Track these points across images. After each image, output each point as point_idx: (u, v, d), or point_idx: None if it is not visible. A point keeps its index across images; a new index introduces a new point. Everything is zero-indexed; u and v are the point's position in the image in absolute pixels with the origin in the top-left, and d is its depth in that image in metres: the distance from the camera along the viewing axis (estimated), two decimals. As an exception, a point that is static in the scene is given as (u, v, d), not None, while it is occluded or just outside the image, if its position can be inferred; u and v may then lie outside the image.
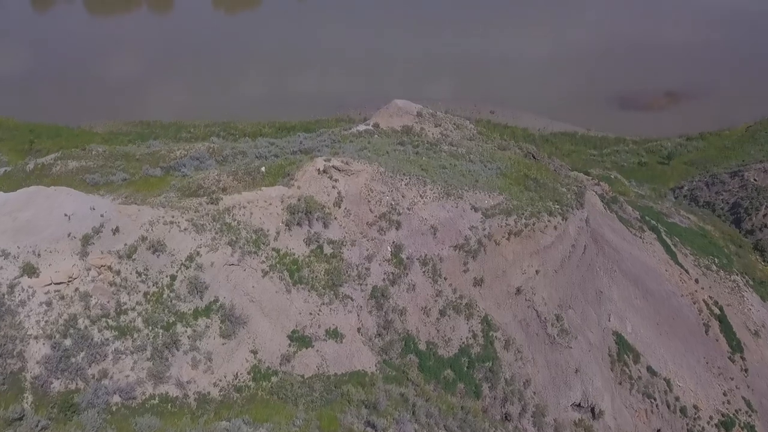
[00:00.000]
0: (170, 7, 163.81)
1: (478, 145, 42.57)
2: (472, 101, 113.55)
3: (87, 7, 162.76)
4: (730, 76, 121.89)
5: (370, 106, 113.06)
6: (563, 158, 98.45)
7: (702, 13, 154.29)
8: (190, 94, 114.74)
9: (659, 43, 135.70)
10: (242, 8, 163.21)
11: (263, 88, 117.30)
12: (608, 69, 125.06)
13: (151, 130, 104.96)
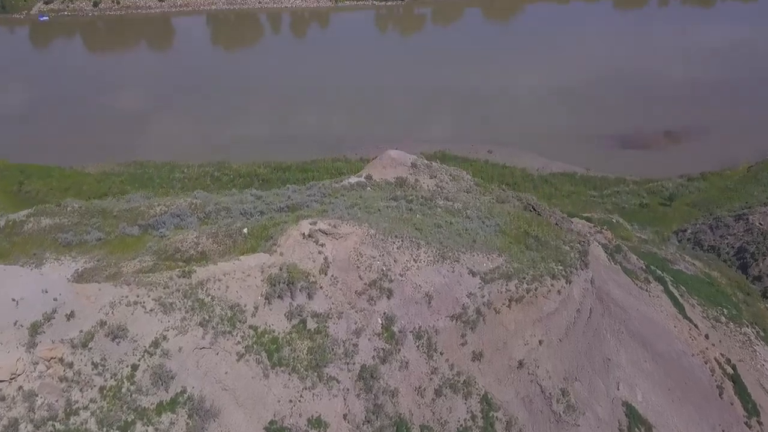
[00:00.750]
0: (169, 44, 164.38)
1: (475, 198, 40.44)
2: (469, 141, 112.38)
3: (86, 44, 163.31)
4: (729, 115, 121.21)
5: (368, 145, 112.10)
6: (563, 199, 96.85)
7: (699, 51, 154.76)
8: (185, 134, 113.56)
9: (657, 81, 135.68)
10: (241, 45, 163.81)
11: (259, 128, 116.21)
12: (607, 108, 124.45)
13: (144, 171, 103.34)
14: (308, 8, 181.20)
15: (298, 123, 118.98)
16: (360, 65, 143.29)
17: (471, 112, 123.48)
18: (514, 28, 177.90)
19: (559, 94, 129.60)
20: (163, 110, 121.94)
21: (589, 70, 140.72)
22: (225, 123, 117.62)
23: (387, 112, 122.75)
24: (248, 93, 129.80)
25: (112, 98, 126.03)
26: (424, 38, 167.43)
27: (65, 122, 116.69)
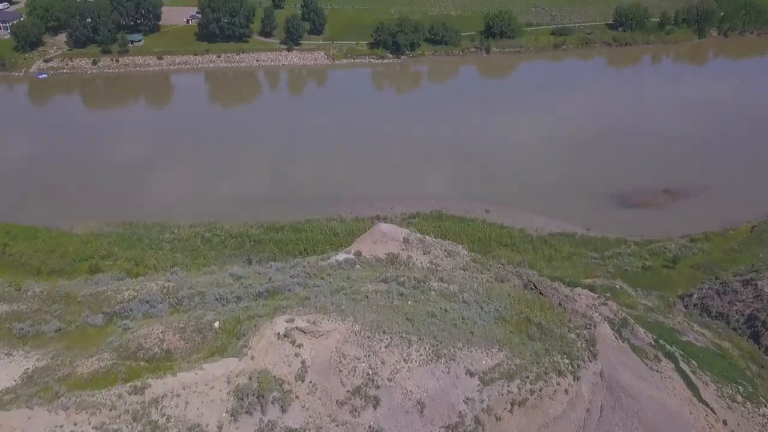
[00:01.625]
0: (167, 101, 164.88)
1: (472, 278, 37.61)
2: (466, 199, 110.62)
3: (84, 101, 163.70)
4: (728, 173, 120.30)
5: (363, 204, 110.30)
6: (563, 261, 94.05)
7: (696, 107, 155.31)
8: (177, 192, 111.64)
9: (654, 137, 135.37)
10: (238, 102, 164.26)
11: (253, 185, 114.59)
12: (604, 165, 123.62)
13: (134, 231, 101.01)
14: (306, 66, 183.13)
15: (293, 181, 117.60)
16: (356, 122, 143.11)
17: (468, 169, 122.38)
18: (509, 84, 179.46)
19: (556, 151, 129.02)
20: (156, 168, 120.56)
21: (585, 127, 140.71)
22: (218, 181, 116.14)
23: (383, 170, 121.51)
24: (243, 150, 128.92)
25: (104, 156, 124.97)
26: (420, 95, 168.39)
27: (55, 180, 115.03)
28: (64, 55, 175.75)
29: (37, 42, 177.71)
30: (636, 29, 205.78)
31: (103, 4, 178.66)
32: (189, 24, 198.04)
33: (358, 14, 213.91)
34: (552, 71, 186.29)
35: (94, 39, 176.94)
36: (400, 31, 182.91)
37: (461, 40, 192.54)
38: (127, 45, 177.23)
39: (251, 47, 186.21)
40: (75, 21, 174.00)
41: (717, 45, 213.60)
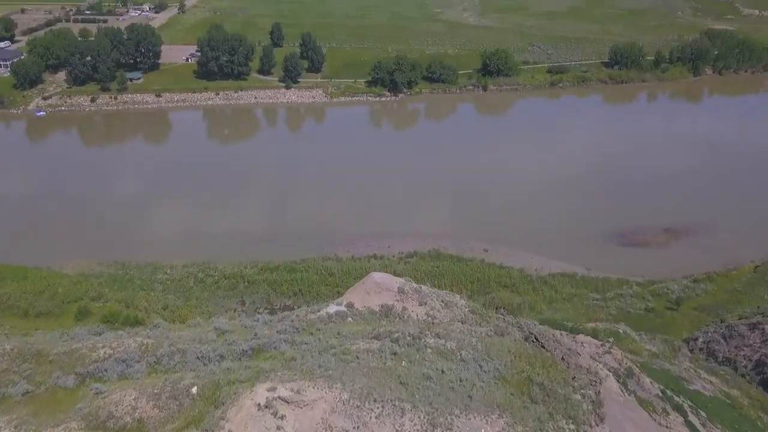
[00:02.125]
0: (164, 138, 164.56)
1: (470, 331, 35.67)
2: (464, 237, 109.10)
3: (82, 138, 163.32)
4: (729, 211, 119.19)
5: (360, 243, 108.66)
6: (564, 303, 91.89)
7: (694, 144, 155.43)
8: (171, 231, 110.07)
9: (653, 175, 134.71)
10: (236, 139, 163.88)
11: (248, 224, 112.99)
12: (603, 202, 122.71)
13: (125, 272, 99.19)
14: (304, 103, 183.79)
15: (289, 219, 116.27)
16: (354, 159, 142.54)
17: (466, 207, 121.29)
18: (507, 122, 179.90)
19: (555, 188, 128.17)
20: (151, 205, 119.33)
21: (583, 164, 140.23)
22: (214, 219, 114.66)
23: (380, 207, 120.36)
24: (240, 187, 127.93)
25: (99, 193, 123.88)
26: (418, 133, 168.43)
27: (48, 218, 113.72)
28: (62, 93, 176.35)
29: (37, 80, 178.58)
30: (631, 67, 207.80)
31: (104, 42, 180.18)
32: (188, 62, 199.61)
33: (356, 52, 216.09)
34: (549, 109, 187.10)
35: (93, 77, 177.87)
36: (398, 69, 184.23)
37: (458, 78, 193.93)
38: (126, 83, 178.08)
39: (250, 85, 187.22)
40: (75, 59, 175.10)
41: (712, 83, 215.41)
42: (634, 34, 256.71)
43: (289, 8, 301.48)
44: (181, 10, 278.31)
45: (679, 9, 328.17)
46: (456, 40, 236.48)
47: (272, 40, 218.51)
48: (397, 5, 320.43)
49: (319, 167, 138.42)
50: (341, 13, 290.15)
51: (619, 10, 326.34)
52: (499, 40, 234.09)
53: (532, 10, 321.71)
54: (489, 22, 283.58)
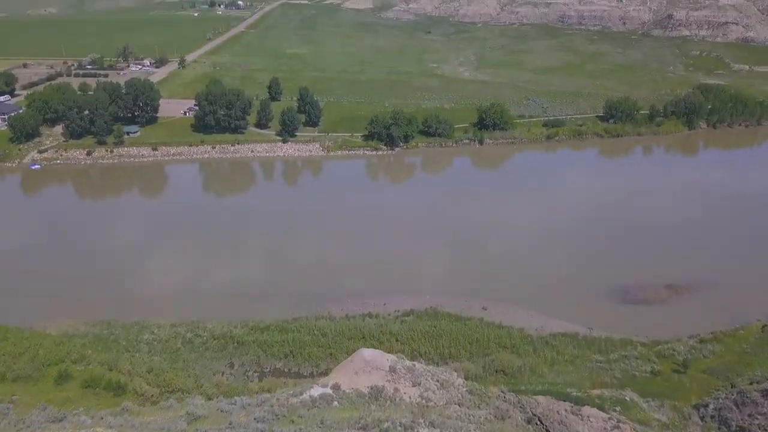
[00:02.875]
0: (159, 191, 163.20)
1: (468, 415, 32.67)
2: (463, 296, 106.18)
3: (75, 191, 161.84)
4: (731, 267, 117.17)
5: (354, 300, 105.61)
6: (567, 366, 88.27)
7: (693, 197, 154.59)
8: (159, 287, 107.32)
9: (653, 229, 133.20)
10: (232, 192, 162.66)
11: (240, 280, 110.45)
12: (603, 258, 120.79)
13: (111, 332, 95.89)
14: (301, 157, 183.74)
15: (282, 275, 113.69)
16: (350, 214, 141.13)
17: (464, 262, 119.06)
18: (504, 175, 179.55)
19: (553, 243, 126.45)
20: (140, 261, 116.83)
21: (581, 218, 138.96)
22: (205, 275, 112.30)
23: (376, 262, 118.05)
24: (232, 242, 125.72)
25: (88, 248, 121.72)
26: (414, 186, 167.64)
27: (33, 274, 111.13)
28: (59, 146, 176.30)
29: (34, 133, 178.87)
30: (626, 121, 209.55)
31: (102, 97, 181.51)
32: (186, 116, 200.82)
33: (354, 107, 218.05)
34: (546, 162, 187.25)
35: (90, 130, 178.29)
36: (394, 123, 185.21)
37: (455, 132, 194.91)
38: (122, 136, 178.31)
39: (247, 138, 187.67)
40: (72, 113, 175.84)
41: (707, 136, 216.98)
42: (628, 89, 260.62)
43: (287, 63, 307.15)
44: (181, 65, 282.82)
45: (671, 64, 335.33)
46: (452, 95, 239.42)
47: (270, 94, 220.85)
48: (394, 60, 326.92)
49: (314, 221, 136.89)
50: (339, 68, 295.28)
51: (612, 65, 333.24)
52: (494, 94, 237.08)
53: (527, 65, 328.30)
54: (485, 76, 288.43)
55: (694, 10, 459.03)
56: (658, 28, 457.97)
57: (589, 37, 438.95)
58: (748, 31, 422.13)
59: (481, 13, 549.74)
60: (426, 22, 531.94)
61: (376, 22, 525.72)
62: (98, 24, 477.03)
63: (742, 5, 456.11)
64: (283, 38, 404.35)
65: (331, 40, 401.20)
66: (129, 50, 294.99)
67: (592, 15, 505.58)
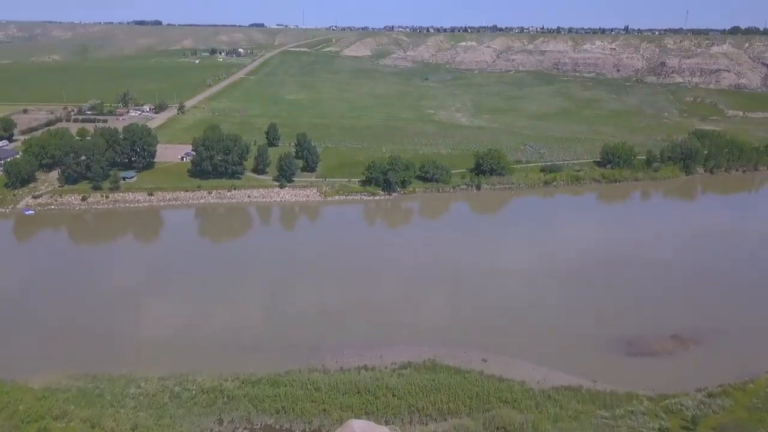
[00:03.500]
0: (152, 237, 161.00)
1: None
2: (462, 346, 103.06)
3: (68, 237, 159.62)
4: (737, 315, 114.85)
5: (349, 351, 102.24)
6: (571, 422, 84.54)
7: (696, 242, 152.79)
8: (149, 339, 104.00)
9: (656, 277, 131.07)
10: (225, 239, 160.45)
11: (231, 330, 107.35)
12: (605, 307, 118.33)
13: (96, 385, 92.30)
14: (298, 202, 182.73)
15: (274, 324, 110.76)
16: (346, 260, 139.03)
17: (463, 311, 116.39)
18: (502, 220, 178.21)
19: (554, 290, 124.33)
20: (130, 310, 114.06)
21: (582, 264, 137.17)
22: (195, 324, 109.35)
23: (372, 312, 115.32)
24: (224, 290, 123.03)
25: (76, 296, 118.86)
26: (412, 232, 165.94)
27: (19, 323, 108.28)
28: (54, 192, 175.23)
29: (29, 178, 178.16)
30: (624, 166, 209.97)
31: (99, 142, 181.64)
32: (184, 161, 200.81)
33: (351, 152, 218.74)
34: (544, 207, 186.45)
35: (86, 176, 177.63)
36: (392, 169, 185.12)
37: (452, 178, 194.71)
38: (118, 181, 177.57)
39: (243, 184, 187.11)
40: (69, 158, 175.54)
41: (704, 182, 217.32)
42: (624, 134, 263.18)
43: (286, 109, 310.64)
44: (180, 111, 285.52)
45: (666, 110, 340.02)
46: (449, 140, 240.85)
47: (268, 139, 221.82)
48: (391, 106, 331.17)
49: (310, 268, 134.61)
50: (337, 114, 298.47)
51: (608, 111, 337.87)
52: (491, 140, 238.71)
53: (523, 111, 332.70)
54: (481, 122, 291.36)
55: (687, 58, 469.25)
56: (652, 75, 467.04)
57: (584, 84, 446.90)
58: (740, 78, 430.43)
59: (478, 60, 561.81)
60: (423, 69, 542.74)
61: (374, 69, 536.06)
62: (100, 71, 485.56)
63: (733, 53, 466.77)
64: (282, 84, 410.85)
65: (330, 86, 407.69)
66: (129, 96, 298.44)
67: (587, 62, 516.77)
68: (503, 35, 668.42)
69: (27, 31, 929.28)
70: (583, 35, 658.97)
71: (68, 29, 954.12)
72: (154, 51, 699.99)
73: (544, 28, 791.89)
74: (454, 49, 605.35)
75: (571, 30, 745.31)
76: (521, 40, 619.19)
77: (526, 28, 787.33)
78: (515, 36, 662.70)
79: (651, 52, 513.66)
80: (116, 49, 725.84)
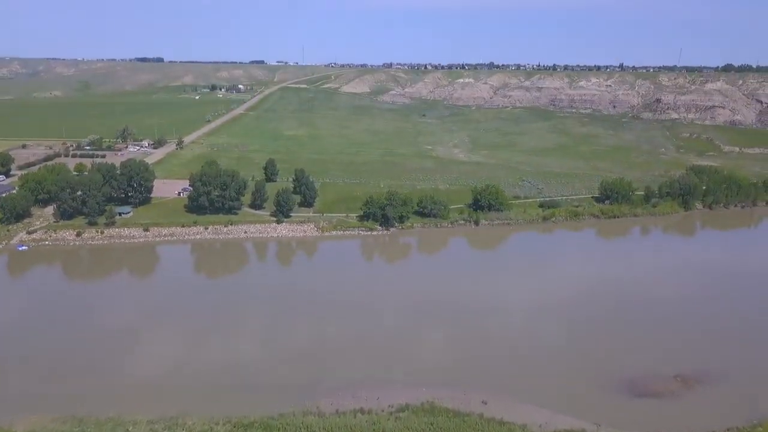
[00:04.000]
0: (145, 273, 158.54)
1: None
2: (461, 388, 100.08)
3: (60, 273, 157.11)
4: (742, 354, 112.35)
5: (344, 393, 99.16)
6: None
7: (702, 279, 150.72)
8: (139, 379, 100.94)
9: (658, 314, 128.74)
10: (219, 275, 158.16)
11: (224, 369, 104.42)
12: (607, 346, 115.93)
13: (82, 429, 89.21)
14: (295, 237, 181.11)
15: (268, 363, 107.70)
16: (342, 297, 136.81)
17: (462, 350, 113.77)
18: (501, 257, 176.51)
19: (555, 329, 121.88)
20: (121, 349, 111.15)
21: (583, 301, 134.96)
22: (187, 363, 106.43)
23: (370, 350, 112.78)
24: (218, 328, 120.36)
25: (64, 334, 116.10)
26: (409, 267, 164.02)
27: (4, 363, 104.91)
28: (48, 227, 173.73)
29: (24, 214, 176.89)
30: (622, 202, 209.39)
31: (95, 177, 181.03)
32: (180, 196, 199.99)
33: (349, 187, 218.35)
34: (543, 243, 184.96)
35: (82, 211, 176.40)
36: (389, 204, 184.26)
37: (450, 213, 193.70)
38: (114, 217, 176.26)
39: (240, 219, 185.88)
40: (65, 194, 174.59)
41: (704, 217, 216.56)
42: (622, 170, 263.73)
43: (284, 144, 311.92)
44: (179, 146, 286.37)
45: (663, 146, 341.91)
46: (447, 176, 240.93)
47: (266, 174, 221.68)
48: (389, 142, 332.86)
49: (306, 305, 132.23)
50: (335, 149, 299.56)
51: (605, 147, 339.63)
52: (489, 176, 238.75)
53: (520, 146, 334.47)
54: (479, 158, 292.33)
55: (682, 95, 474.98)
56: (648, 111, 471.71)
57: (580, 120, 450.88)
58: (735, 114, 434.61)
59: (475, 96, 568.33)
60: (421, 106, 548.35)
61: (372, 105, 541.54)
62: (101, 107, 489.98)
63: (727, 90, 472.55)
64: (281, 120, 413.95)
65: (329, 122, 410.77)
66: (128, 132, 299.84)
67: (583, 98, 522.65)
68: (500, 72, 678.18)
69: (30, 68, 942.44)
70: (578, 72, 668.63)
71: (71, 66, 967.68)
72: (154, 87, 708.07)
73: (540, 65, 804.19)
74: (452, 86, 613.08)
75: (567, 67, 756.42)
76: (518, 77, 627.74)
77: (523, 65, 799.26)
78: (512, 73, 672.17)
79: (646, 89, 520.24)
80: (117, 85, 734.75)
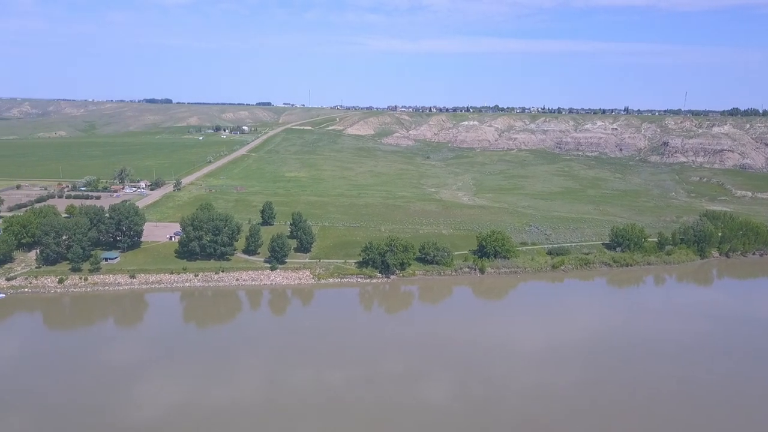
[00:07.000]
0: (128, 325, 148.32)
1: None
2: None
3: (39, 323, 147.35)
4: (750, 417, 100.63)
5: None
6: None
7: (726, 336, 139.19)
8: None
9: (682, 376, 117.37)
10: (215, 323, 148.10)
11: None
12: (625, 412, 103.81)
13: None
14: (289, 285, 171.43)
15: (255, 428, 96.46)
16: (336, 351, 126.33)
17: (466, 410, 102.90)
18: (508, 309, 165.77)
19: (567, 390, 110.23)
20: (91, 412, 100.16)
21: (600, 364, 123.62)
22: (169, 428, 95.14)
23: (366, 410, 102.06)
24: (201, 388, 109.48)
25: (41, 391, 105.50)
26: (411, 318, 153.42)
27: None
28: (29, 273, 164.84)
29: (6, 259, 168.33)
30: (634, 249, 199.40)
31: (81, 221, 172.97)
32: (172, 240, 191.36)
33: (348, 232, 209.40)
34: (553, 294, 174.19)
35: (66, 256, 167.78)
36: (390, 250, 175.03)
37: (454, 260, 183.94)
38: (99, 263, 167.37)
39: (232, 266, 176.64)
40: (48, 238, 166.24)
41: (721, 266, 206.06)
42: (632, 215, 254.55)
43: (284, 186, 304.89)
44: (177, 188, 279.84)
45: (672, 190, 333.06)
46: (450, 220, 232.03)
47: (263, 218, 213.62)
48: (392, 185, 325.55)
49: (297, 361, 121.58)
50: (336, 192, 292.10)
51: (613, 191, 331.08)
52: (494, 220, 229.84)
53: (526, 190, 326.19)
54: (484, 201, 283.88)
55: (689, 138, 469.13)
56: (655, 154, 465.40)
57: (587, 163, 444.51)
58: (744, 158, 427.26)
59: (480, 139, 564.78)
60: (425, 148, 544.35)
61: (376, 147, 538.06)
62: (103, 147, 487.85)
63: (735, 134, 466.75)
64: (283, 162, 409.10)
65: (331, 164, 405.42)
66: (125, 172, 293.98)
67: (589, 141, 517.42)
68: (505, 115, 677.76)
69: (41, 108, 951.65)
70: (584, 115, 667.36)
71: (80, 106, 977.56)
72: (159, 128, 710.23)
73: (545, 108, 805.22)
74: (456, 128, 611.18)
75: (572, 110, 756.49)
76: (523, 120, 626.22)
77: (528, 108, 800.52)
78: (517, 116, 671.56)
79: (652, 132, 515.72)
80: (122, 125, 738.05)
